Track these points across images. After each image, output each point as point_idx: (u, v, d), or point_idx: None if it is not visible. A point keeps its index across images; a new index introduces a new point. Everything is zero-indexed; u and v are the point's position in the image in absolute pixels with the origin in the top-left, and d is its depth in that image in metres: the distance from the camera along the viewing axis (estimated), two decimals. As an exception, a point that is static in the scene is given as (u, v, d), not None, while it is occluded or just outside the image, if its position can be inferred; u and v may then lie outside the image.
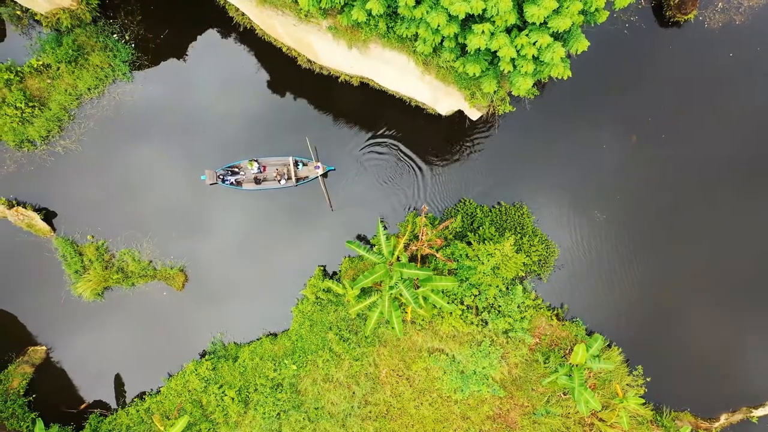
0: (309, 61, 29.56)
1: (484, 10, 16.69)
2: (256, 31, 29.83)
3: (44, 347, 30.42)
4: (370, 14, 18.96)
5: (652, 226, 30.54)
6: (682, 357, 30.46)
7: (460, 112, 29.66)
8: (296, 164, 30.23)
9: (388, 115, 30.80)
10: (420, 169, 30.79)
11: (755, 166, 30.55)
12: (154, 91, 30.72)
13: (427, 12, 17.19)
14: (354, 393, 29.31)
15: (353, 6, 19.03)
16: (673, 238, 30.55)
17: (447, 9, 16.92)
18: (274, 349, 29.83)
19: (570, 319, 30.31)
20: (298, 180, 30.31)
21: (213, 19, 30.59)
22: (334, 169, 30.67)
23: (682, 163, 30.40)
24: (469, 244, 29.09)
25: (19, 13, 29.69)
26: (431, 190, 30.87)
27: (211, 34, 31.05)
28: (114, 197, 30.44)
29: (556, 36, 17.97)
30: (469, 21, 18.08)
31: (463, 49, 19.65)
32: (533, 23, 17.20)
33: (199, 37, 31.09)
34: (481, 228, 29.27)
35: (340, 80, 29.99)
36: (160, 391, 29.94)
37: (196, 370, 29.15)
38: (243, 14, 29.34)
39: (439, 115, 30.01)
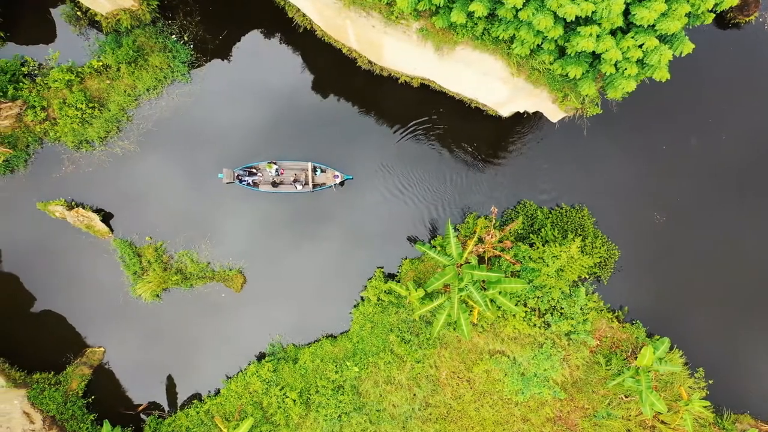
0: (369, 62, 29.44)
1: (594, 12, 16.67)
2: (317, 32, 29.70)
3: (102, 348, 30.37)
4: (469, 16, 18.88)
5: (711, 228, 30.42)
6: (740, 358, 30.44)
7: (519, 114, 29.56)
8: (314, 170, 29.95)
9: (446, 116, 30.63)
10: (478, 169, 30.69)
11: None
12: (211, 92, 30.59)
13: (533, 14, 17.10)
14: (415, 395, 29.23)
15: (451, 8, 18.93)
16: (732, 241, 30.44)
17: (554, 11, 16.85)
18: (334, 350, 29.74)
19: (630, 321, 30.22)
20: (314, 186, 30.01)
21: (272, 19, 30.36)
22: (352, 178, 30.53)
23: (744, 164, 30.32)
24: (531, 245, 29.01)
25: (78, 13, 29.60)
26: (490, 193, 30.78)
27: (270, 35, 30.88)
28: (171, 198, 30.32)
29: (661, 38, 17.89)
30: (571, 23, 18.01)
31: (560, 51, 19.58)
32: (639, 26, 17.15)
33: (257, 37, 30.94)
34: (542, 230, 29.18)
35: (400, 81, 29.88)
36: (219, 392, 29.88)
37: (257, 371, 29.07)
38: (304, 15, 29.20)
39: (499, 116, 29.92)
